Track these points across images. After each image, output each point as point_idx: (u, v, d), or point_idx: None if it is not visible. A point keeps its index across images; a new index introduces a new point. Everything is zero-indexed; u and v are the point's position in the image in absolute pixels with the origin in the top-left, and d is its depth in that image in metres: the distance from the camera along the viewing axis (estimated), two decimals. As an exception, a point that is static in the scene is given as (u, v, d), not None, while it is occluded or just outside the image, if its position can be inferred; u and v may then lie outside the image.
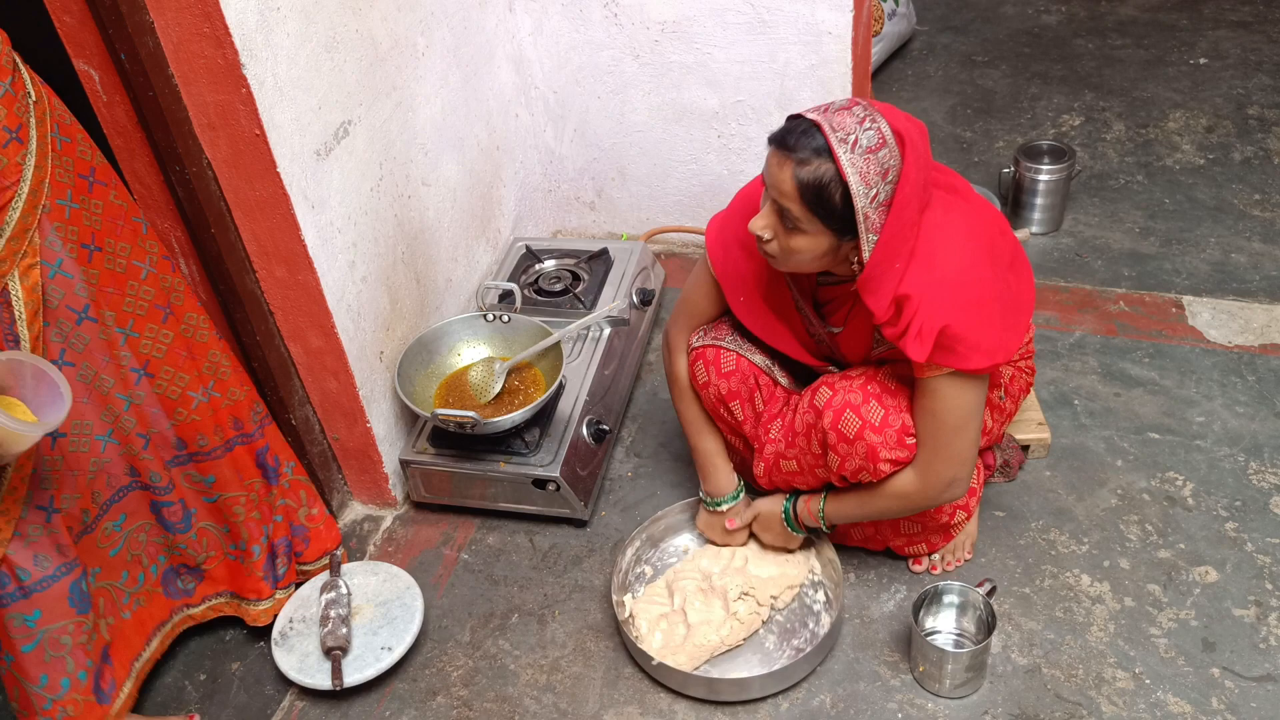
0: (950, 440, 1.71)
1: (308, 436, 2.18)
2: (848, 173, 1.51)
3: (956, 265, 1.61)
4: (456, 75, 2.41)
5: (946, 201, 1.67)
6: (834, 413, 1.76)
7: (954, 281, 1.60)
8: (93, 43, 1.70)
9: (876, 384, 1.75)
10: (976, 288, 1.62)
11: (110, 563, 1.85)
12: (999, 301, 1.65)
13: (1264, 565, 1.98)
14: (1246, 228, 2.83)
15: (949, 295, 1.59)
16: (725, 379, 1.93)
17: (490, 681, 1.97)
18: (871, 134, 1.52)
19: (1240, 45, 3.66)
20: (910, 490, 1.77)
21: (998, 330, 1.64)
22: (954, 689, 1.82)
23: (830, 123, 1.52)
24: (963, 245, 1.63)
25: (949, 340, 1.60)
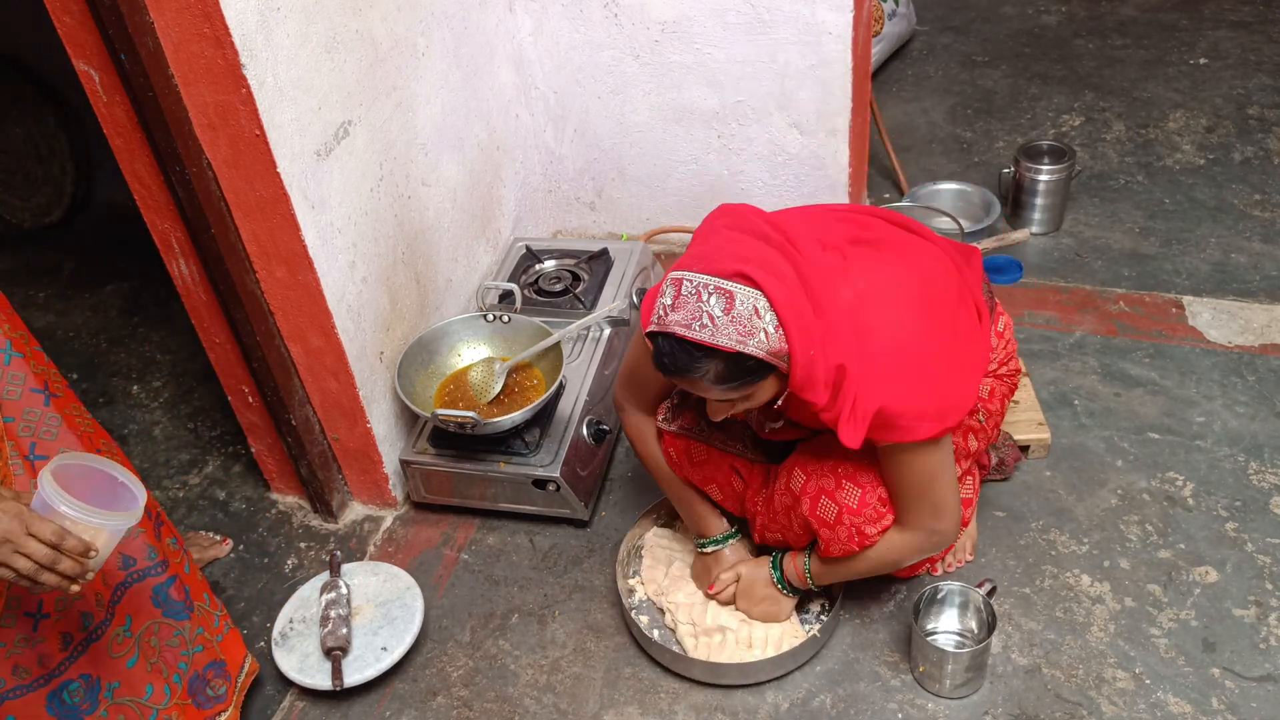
0: (923, 497, 1.67)
1: (308, 437, 2.18)
2: (731, 347, 1.45)
3: (888, 336, 1.54)
4: (456, 75, 2.41)
5: (868, 261, 1.60)
6: (810, 500, 1.74)
7: (886, 356, 1.53)
8: (93, 43, 1.70)
9: (848, 463, 1.71)
10: (912, 356, 1.55)
11: (129, 675, 1.65)
12: (940, 362, 1.58)
13: (1264, 565, 1.98)
14: (1247, 228, 2.83)
15: (881, 373, 1.53)
16: (698, 468, 1.90)
17: (490, 682, 1.97)
18: (715, 299, 1.46)
19: (1240, 45, 3.66)
20: (897, 546, 1.73)
21: (944, 393, 1.58)
22: (954, 689, 1.81)
23: (680, 322, 1.47)
24: (892, 310, 1.55)
25: (888, 419, 1.54)
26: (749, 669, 1.86)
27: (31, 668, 1.52)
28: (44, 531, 1.30)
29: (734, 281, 1.47)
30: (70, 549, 1.32)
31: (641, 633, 1.92)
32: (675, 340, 1.49)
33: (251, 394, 2.19)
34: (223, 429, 2.64)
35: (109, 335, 3.06)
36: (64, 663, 1.56)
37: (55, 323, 3.14)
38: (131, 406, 2.77)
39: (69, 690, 1.57)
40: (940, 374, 1.58)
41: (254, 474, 2.47)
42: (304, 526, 2.35)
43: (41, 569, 1.31)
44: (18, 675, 1.51)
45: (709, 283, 1.47)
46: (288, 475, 2.37)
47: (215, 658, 1.82)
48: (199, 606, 1.79)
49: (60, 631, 1.55)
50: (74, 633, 1.57)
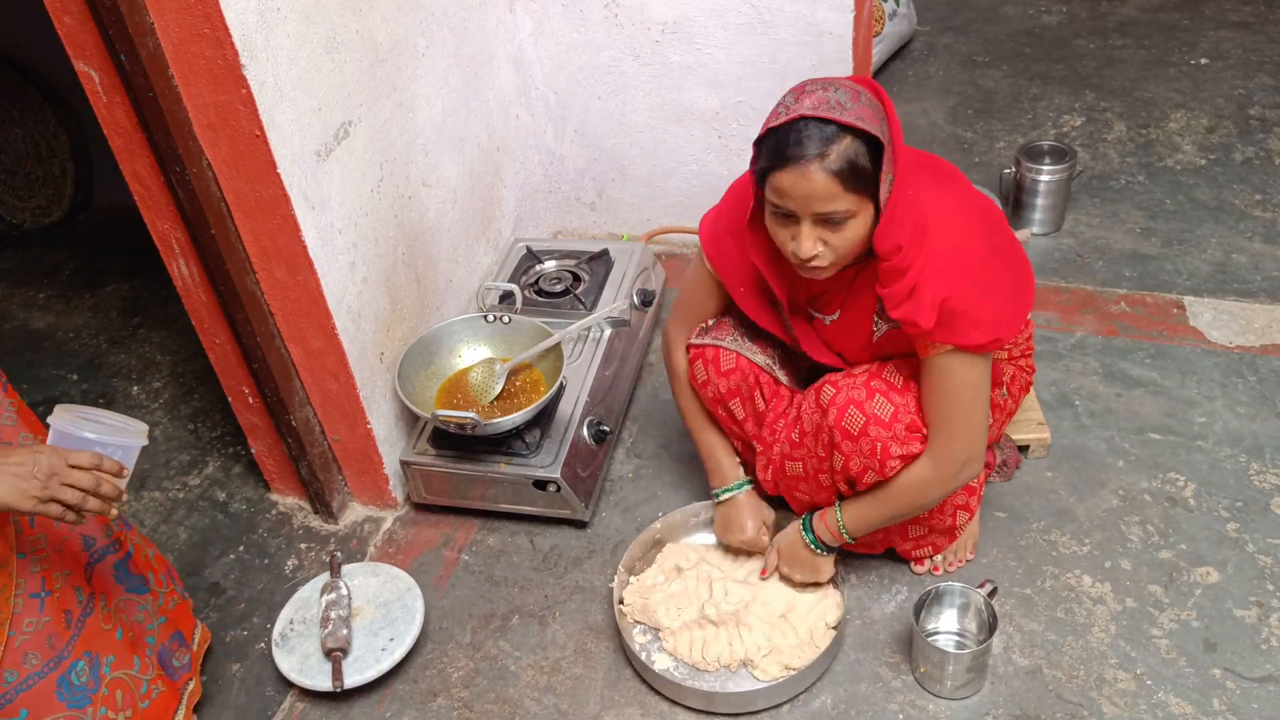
0: (961, 418, 1.69)
1: (308, 437, 2.18)
2: (860, 124, 1.49)
3: (955, 240, 1.61)
4: (457, 76, 2.41)
5: (940, 181, 1.68)
6: (838, 410, 1.75)
7: (951, 254, 1.60)
8: (93, 43, 1.69)
9: (881, 380, 1.74)
10: (974, 262, 1.62)
11: (119, 648, 1.68)
12: (996, 279, 1.65)
13: (1265, 566, 1.97)
14: (1248, 228, 2.83)
15: (947, 267, 1.59)
16: (724, 377, 1.92)
17: (491, 683, 1.96)
18: (844, 92, 1.52)
19: (1241, 45, 3.66)
20: (926, 477, 1.74)
21: (995, 306, 1.63)
22: (955, 690, 1.81)
23: (812, 105, 1.51)
24: (960, 222, 1.63)
25: (948, 315, 1.59)
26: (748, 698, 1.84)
27: (41, 651, 1.55)
28: (82, 459, 1.42)
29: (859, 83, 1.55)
30: (108, 470, 1.45)
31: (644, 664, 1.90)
32: (804, 120, 1.50)
33: (252, 395, 2.19)
34: (223, 430, 2.64)
35: (109, 336, 3.05)
36: (70, 642, 1.59)
37: (55, 323, 3.14)
38: (132, 407, 2.77)
39: (76, 671, 1.60)
40: (997, 287, 1.65)
41: (254, 475, 2.47)
42: (304, 527, 2.35)
43: (87, 495, 1.41)
44: (28, 663, 1.53)
45: (835, 80, 1.54)
46: (288, 476, 2.37)
47: (176, 629, 1.88)
48: (154, 581, 1.85)
49: (63, 609, 1.59)
50: (72, 608, 1.61)
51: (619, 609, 2.00)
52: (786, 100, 1.55)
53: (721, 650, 1.91)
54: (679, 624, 1.96)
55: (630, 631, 1.99)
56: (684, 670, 1.92)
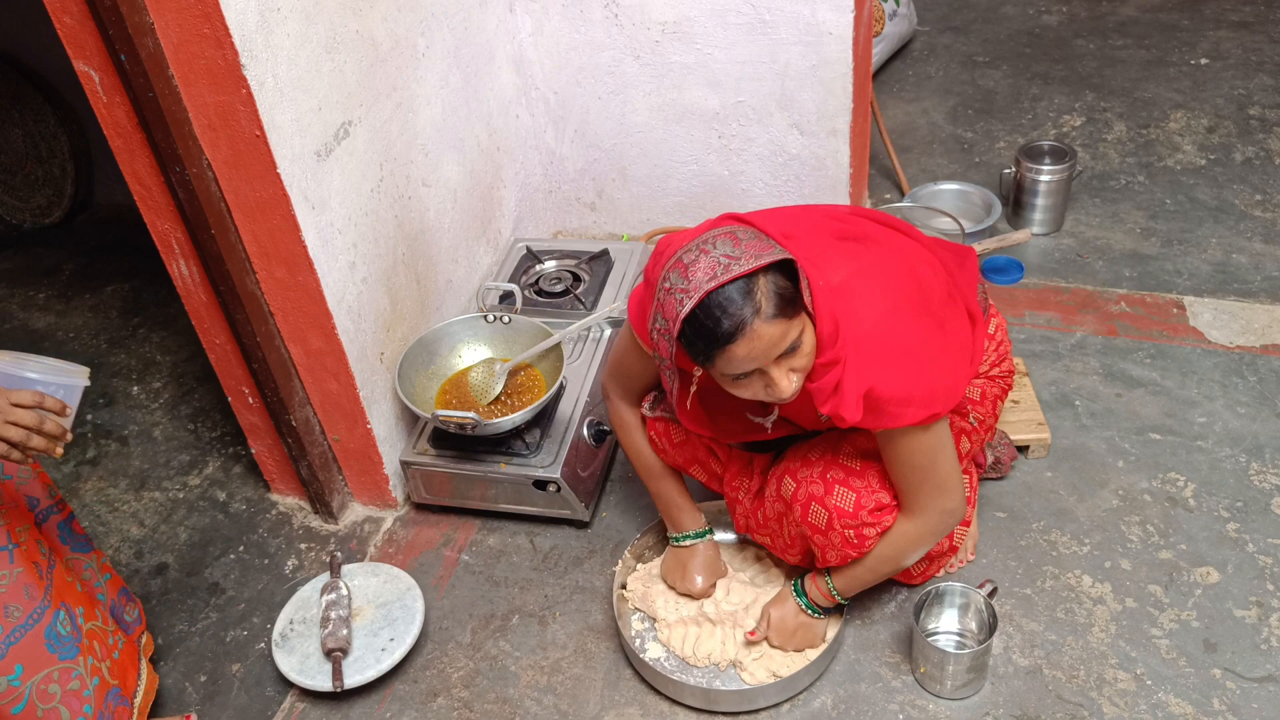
0: (925, 480, 1.67)
1: (308, 437, 2.18)
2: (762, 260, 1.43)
3: (873, 321, 1.55)
4: (457, 76, 2.41)
5: (853, 254, 1.61)
6: (801, 506, 1.74)
7: (871, 338, 1.54)
8: (93, 43, 1.69)
9: (838, 468, 1.72)
10: (896, 341, 1.56)
11: (84, 600, 1.72)
12: (925, 349, 1.59)
13: (1265, 566, 1.97)
14: (1248, 228, 2.83)
15: (868, 355, 1.54)
16: (678, 449, 1.91)
17: (491, 683, 1.96)
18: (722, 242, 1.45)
19: (1241, 45, 3.66)
20: (910, 535, 1.72)
21: (928, 380, 1.58)
22: (955, 690, 1.81)
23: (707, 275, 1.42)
24: (877, 299, 1.56)
25: (876, 403, 1.55)
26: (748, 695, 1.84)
27: (21, 603, 1.57)
28: (24, 398, 1.43)
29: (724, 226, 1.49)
30: (51, 407, 1.46)
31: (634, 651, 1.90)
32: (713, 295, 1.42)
33: (252, 395, 2.19)
34: (223, 430, 2.64)
35: (109, 336, 3.05)
36: (46, 593, 1.61)
37: (55, 324, 3.14)
38: (132, 407, 2.77)
39: (59, 622, 1.63)
40: (925, 361, 1.59)
41: (254, 475, 2.47)
42: (304, 527, 2.35)
43: (31, 433, 1.43)
44: (10, 616, 1.56)
45: (704, 238, 1.47)
46: (288, 476, 2.37)
47: (122, 585, 1.92)
48: (95, 541, 1.89)
49: (32, 560, 1.62)
50: (40, 561, 1.64)
51: (620, 593, 2.01)
52: (674, 284, 1.46)
53: (713, 648, 1.91)
54: (675, 617, 1.96)
55: (628, 617, 2.00)
56: (674, 662, 1.93)
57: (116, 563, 2.31)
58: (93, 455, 2.64)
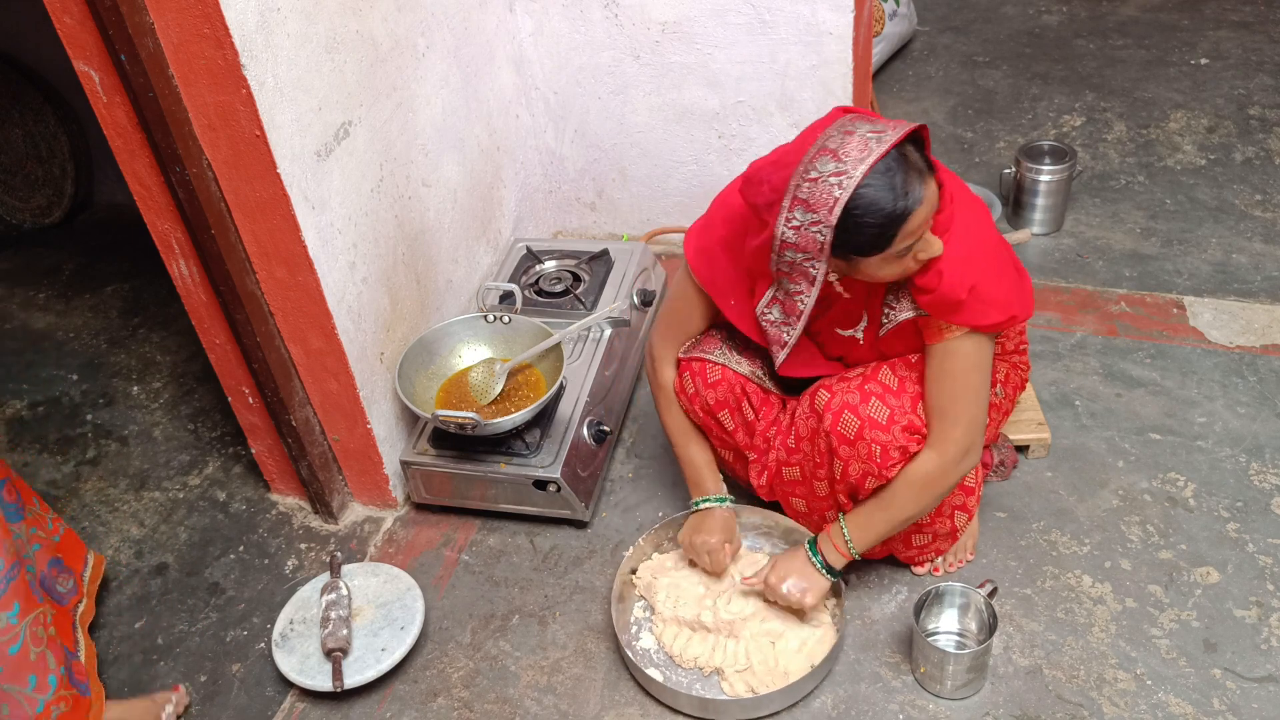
0: (965, 404, 1.69)
1: (308, 437, 2.18)
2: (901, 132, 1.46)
3: (974, 226, 1.62)
4: (457, 76, 2.41)
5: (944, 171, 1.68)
6: (833, 415, 1.75)
7: (973, 241, 1.61)
8: (93, 44, 1.69)
9: (876, 383, 1.74)
10: (990, 246, 1.64)
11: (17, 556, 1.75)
12: (1005, 262, 1.68)
13: (1265, 566, 1.97)
14: (1248, 228, 2.83)
15: (969, 254, 1.60)
16: (712, 389, 1.91)
17: (491, 683, 1.96)
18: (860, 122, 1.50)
19: (1241, 45, 3.66)
20: (930, 469, 1.72)
21: (1008, 286, 1.65)
22: (955, 690, 1.81)
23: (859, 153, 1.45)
24: (973, 210, 1.64)
25: (973, 298, 1.60)
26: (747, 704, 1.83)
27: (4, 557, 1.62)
28: None
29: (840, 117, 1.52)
30: None
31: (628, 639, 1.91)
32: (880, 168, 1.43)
33: (252, 395, 2.19)
34: (223, 430, 2.64)
35: (109, 336, 3.05)
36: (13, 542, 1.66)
37: (55, 324, 3.14)
38: (132, 407, 2.77)
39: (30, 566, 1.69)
40: (1007, 266, 1.67)
41: (254, 475, 2.47)
42: (304, 527, 2.35)
43: None
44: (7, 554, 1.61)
45: (838, 124, 1.50)
46: (288, 476, 2.37)
47: (54, 554, 1.92)
48: (30, 510, 1.89)
49: None
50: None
51: (630, 578, 2.03)
52: (821, 171, 1.46)
53: (700, 652, 1.92)
54: (671, 614, 1.97)
55: (630, 603, 2.02)
56: (661, 656, 1.94)
57: (116, 562, 2.32)
58: (93, 455, 2.64)
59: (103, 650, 2.12)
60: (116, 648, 2.13)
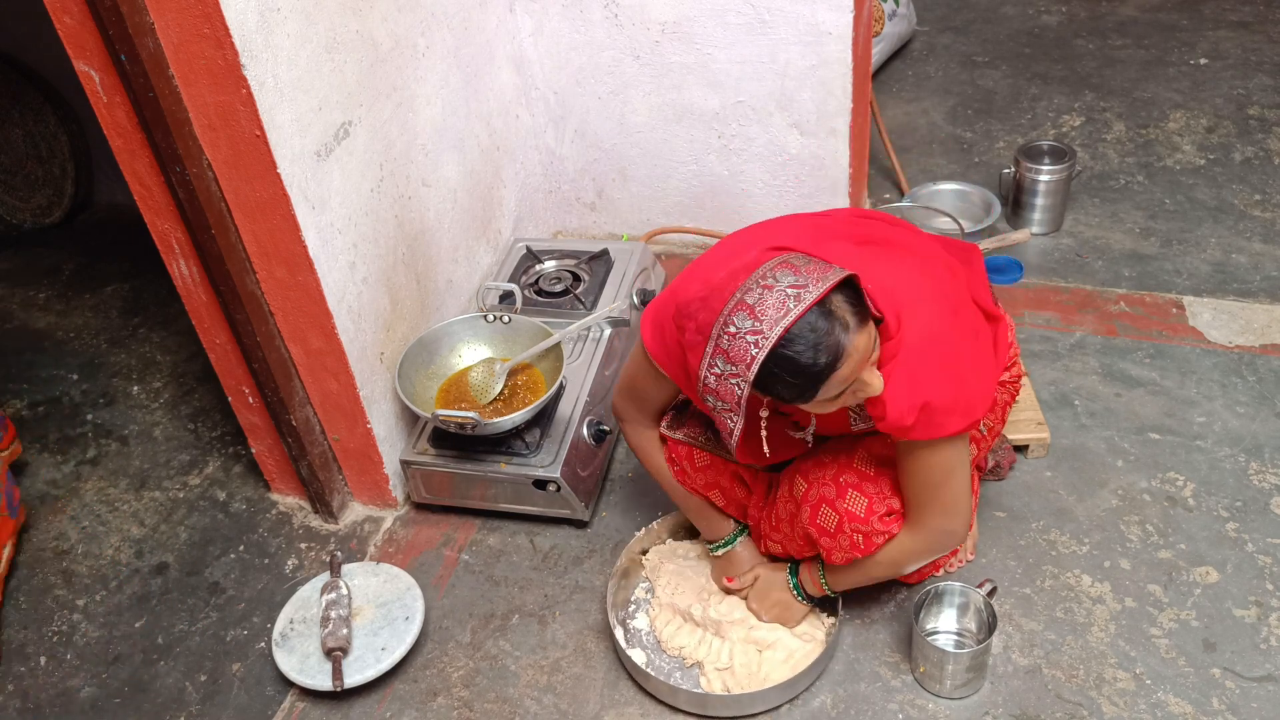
0: (937, 496, 1.66)
1: (308, 437, 2.18)
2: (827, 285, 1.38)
3: (919, 329, 1.53)
4: (457, 76, 2.41)
5: (879, 260, 1.58)
6: (810, 508, 1.74)
7: (924, 353, 1.52)
8: (93, 44, 1.70)
9: (852, 472, 1.71)
10: (944, 349, 1.55)
11: None
12: (965, 356, 1.59)
13: (1265, 566, 1.98)
14: (1247, 228, 2.83)
15: (923, 368, 1.52)
16: (700, 473, 1.89)
17: (491, 682, 1.96)
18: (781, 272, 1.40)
19: (1241, 45, 3.66)
20: (908, 549, 1.72)
21: (971, 388, 1.58)
22: (955, 689, 1.81)
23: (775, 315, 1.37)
24: (917, 305, 1.54)
25: (927, 414, 1.54)
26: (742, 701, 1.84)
27: None
28: None
29: (768, 259, 1.42)
30: None
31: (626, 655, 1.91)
32: (798, 330, 1.36)
33: (252, 394, 2.19)
34: (223, 430, 2.64)
35: (109, 336, 3.06)
36: None
37: (55, 323, 3.14)
38: (132, 407, 2.77)
39: None
40: (966, 368, 1.58)
41: (254, 475, 2.47)
42: (304, 527, 2.35)
43: None
44: None
45: (758, 275, 1.40)
46: (288, 476, 2.37)
47: None
48: None
49: None
50: None
51: (640, 557, 2.06)
52: (740, 327, 1.38)
53: (686, 643, 1.93)
54: (668, 599, 1.98)
55: (636, 580, 2.06)
56: (650, 639, 1.97)
57: (117, 562, 2.32)
58: (93, 455, 2.64)
59: (103, 650, 2.12)
60: (117, 647, 2.13)
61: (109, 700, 2.03)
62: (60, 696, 2.05)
